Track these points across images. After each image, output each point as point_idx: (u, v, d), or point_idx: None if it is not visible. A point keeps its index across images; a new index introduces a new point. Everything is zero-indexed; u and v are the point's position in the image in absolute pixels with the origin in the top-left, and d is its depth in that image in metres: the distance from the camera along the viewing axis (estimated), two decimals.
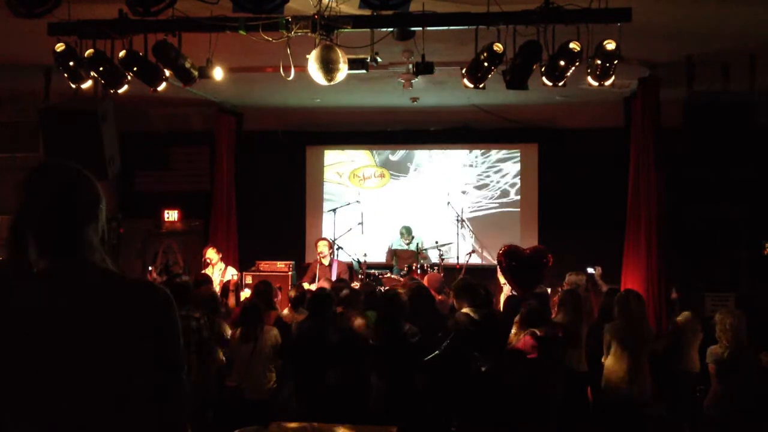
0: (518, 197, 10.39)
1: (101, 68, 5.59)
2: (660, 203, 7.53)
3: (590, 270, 7.30)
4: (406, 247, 9.36)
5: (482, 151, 10.56)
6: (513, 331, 5.26)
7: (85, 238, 1.66)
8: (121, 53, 5.50)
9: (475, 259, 8.95)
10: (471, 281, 5.64)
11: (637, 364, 5.34)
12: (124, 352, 1.58)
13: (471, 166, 10.55)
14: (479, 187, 10.48)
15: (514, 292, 6.92)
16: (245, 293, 8.21)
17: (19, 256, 1.62)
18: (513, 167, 10.46)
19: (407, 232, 9.50)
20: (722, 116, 6.64)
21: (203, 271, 8.20)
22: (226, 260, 8.91)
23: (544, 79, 5.41)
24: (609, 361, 5.41)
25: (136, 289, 1.66)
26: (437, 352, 4.96)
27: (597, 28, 4.96)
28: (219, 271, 8.38)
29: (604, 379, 5.44)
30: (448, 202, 9.73)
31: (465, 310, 5.31)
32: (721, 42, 6.30)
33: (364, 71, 5.73)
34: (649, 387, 5.41)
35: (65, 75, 5.70)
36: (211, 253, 8.48)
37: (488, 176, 10.51)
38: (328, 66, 5.05)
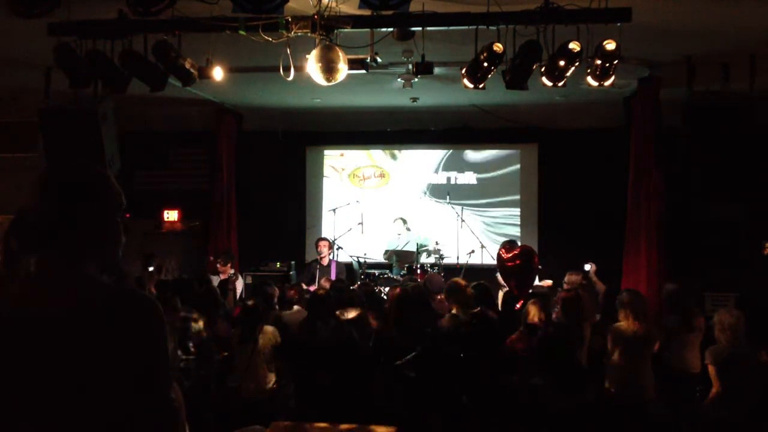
0: (518, 197, 10.40)
1: (101, 68, 5.59)
2: (660, 203, 7.53)
3: (586, 267, 7.32)
4: (404, 240, 9.36)
5: (482, 150, 10.57)
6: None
7: (75, 244, 1.61)
8: (121, 53, 5.50)
9: (475, 259, 8.95)
10: (458, 282, 5.64)
11: (641, 365, 5.34)
12: (105, 365, 1.52)
13: (471, 165, 10.55)
14: (479, 187, 10.48)
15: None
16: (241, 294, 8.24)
17: (14, 257, 1.60)
18: (513, 167, 10.46)
19: (403, 222, 9.50)
20: (722, 116, 6.64)
21: (210, 275, 8.22)
22: (232, 266, 8.90)
23: (544, 79, 5.41)
24: (613, 362, 5.41)
25: (122, 300, 1.59)
26: (414, 353, 4.96)
27: (597, 28, 4.96)
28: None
29: (608, 380, 5.44)
30: (448, 202, 9.73)
31: (453, 311, 5.33)
32: (721, 42, 6.30)
33: (364, 71, 5.73)
34: (652, 388, 5.41)
35: (65, 75, 5.70)
36: (220, 266, 8.49)
37: (488, 176, 10.51)
38: (328, 66, 5.05)
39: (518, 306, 6.18)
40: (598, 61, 5.26)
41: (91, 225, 1.64)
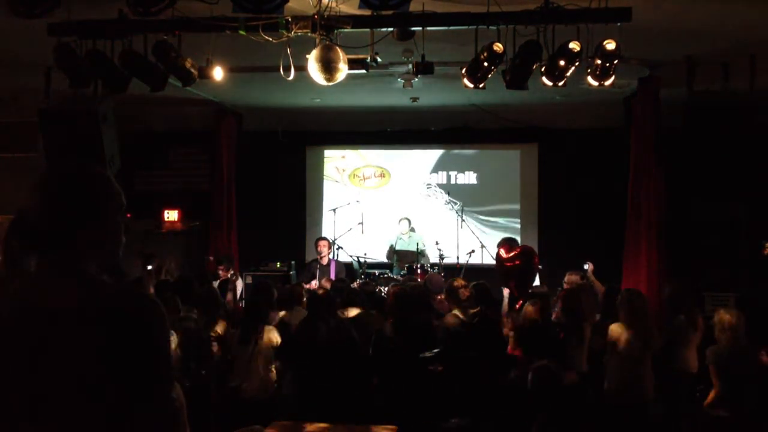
0: (518, 197, 10.39)
1: (101, 68, 5.58)
2: (660, 203, 7.53)
3: (584, 266, 7.31)
4: (406, 240, 9.35)
5: (482, 151, 10.57)
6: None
7: (76, 243, 1.61)
8: (121, 53, 5.49)
9: (476, 259, 8.94)
10: (457, 283, 5.63)
11: (641, 365, 5.34)
12: (106, 365, 1.51)
13: (471, 166, 10.55)
14: (479, 187, 10.48)
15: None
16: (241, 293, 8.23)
17: (14, 258, 1.60)
18: (513, 167, 10.46)
19: (409, 222, 9.48)
20: (722, 116, 6.64)
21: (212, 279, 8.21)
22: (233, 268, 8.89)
23: (544, 79, 5.41)
24: (613, 362, 5.41)
25: (123, 300, 1.58)
26: (436, 350, 4.96)
27: (597, 28, 4.96)
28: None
29: (608, 380, 5.44)
30: (449, 202, 9.73)
31: (454, 311, 5.33)
32: (721, 42, 6.30)
33: (364, 71, 5.73)
34: (651, 387, 5.41)
35: (65, 75, 5.70)
36: (221, 271, 8.48)
37: (488, 176, 10.51)
38: (328, 66, 5.05)
39: (518, 306, 6.17)
40: (598, 61, 5.26)
41: (91, 225, 1.64)
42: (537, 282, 7.69)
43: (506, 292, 7.25)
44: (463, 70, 5.65)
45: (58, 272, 1.60)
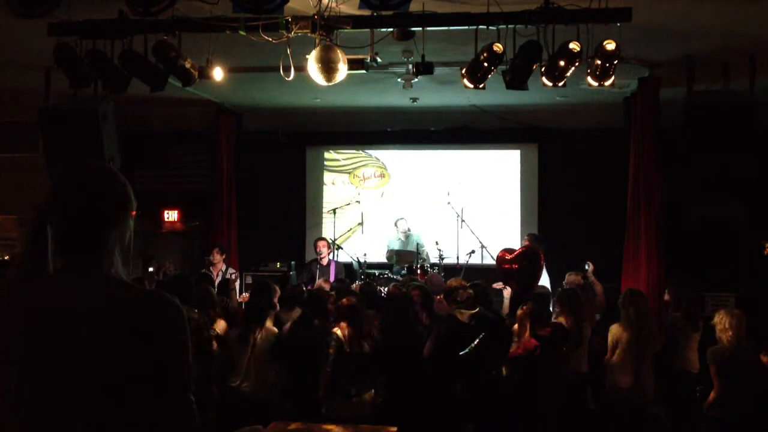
0: (518, 197, 10.39)
1: (101, 68, 5.59)
2: (660, 203, 7.53)
3: (585, 266, 7.32)
4: (403, 240, 9.34)
5: (482, 151, 10.57)
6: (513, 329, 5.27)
7: (105, 244, 1.64)
8: (121, 53, 5.49)
9: (476, 259, 8.94)
10: (455, 283, 5.63)
11: (642, 365, 5.34)
12: (124, 363, 1.52)
13: (471, 166, 10.55)
14: (479, 187, 10.47)
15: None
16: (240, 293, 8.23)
17: (36, 253, 1.61)
18: (513, 167, 10.46)
19: (404, 222, 9.46)
20: (722, 116, 6.63)
21: (203, 271, 8.21)
22: (227, 260, 8.92)
23: (544, 79, 5.41)
24: (614, 362, 5.41)
25: (145, 300, 1.60)
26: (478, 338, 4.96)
27: (597, 28, 4.96)
28: (221, 273, 8.40)
29: (609, 380, 5.44)
30: (448, 202, 9.72)
31: (452, 312, 5.33)
32: (721, 42, 6.30)
33: (364, 71, 5.73)
34: (652, 388, 5.41)
35: (65, 75, 5.70)
36: (216, 255, 8.51)
37: (488, 176, 10.51)
38: (328, 66, 5.05)
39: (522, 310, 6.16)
40: (598, 61, 5.26)
41: (119, 226, 1.68)
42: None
43: (507, 293, 7.26)
44: (463, 71, 5.65)
45: (85, 273, 1.61)
